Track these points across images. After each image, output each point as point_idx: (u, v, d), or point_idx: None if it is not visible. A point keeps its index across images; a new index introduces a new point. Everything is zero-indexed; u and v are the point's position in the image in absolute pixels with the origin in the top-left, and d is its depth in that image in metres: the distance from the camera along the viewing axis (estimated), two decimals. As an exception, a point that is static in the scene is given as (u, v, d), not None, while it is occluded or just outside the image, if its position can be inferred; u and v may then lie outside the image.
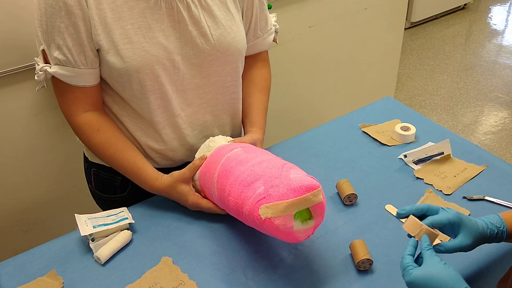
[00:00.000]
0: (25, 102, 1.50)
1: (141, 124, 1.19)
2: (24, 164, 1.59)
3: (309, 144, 1.41)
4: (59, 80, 1.09)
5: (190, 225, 1.14)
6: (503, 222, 0.91)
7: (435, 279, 0.79)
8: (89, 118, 1.14)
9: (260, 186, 0.97)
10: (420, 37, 4.25)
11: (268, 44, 1.34)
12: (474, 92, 3.47)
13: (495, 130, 3.09)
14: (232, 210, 1.04)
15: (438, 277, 0.79)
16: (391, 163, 1.32)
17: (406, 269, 0.83)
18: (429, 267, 0.81)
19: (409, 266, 0.83)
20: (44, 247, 1.10)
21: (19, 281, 1.01)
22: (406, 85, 3.59)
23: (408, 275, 0.82)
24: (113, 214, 1.13)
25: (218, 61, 1.17)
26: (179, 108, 1.18)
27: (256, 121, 1.29)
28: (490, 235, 0.89)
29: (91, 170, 1.32)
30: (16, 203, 1.64)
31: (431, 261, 0.82)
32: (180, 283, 1.00)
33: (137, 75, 1.08)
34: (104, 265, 1.05)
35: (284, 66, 2.07)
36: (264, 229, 0.96)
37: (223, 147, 1.13)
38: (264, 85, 1.34)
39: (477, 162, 1.31)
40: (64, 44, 1.03)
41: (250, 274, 1.01)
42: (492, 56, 3.94)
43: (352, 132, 1.46)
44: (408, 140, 1.39)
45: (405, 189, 1.23)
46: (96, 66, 1.09)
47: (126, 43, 1.05)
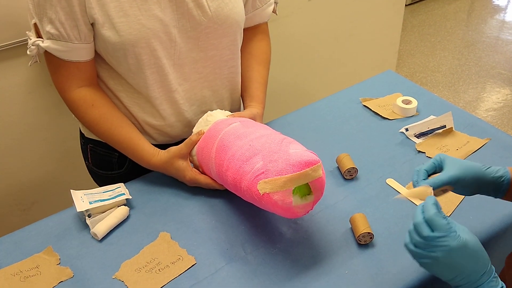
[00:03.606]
0: (19, 80, 1.47)
1: (138, 99, 1.17)
2: (20, 143, 1.58)
3: (309, 118, 1.40)
4: (52, 55, 1.07)
5: (188, 201, 1.13)
6: (507, 171, 0.85)
7: (481, 251, 0.71)
8: (83, 94, 1.12)
9: (258, 161, 0.95)
10: (421, 13, 4.20)
11: (268, 15, 1.31)
12: (476, 69, 3.44)
13: (497, 107, 3.06)
14: (231, 186, 1.02)
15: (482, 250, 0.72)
16: (392, 137, 1.30)
17: (451, 230, 0.70)
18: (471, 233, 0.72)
19: (452, 228, 0.71)
20: (40, 223, 1.09)
21: (15, 258, 1.01)
22: (407, 62, 3.55)
23: (455, 238, 0.69)
24: (110, 190, 1.11)
25: (215, 33, 1.15)
26: (176, 83, 1.16)
27: (256, 95, 1.27)
28: (490, 174, 0.84)
29: (87, 146, 1.30)
30: (13, 182, 1.63)
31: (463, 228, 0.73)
32: (178, 258, 0.99)
33: (133, 49, 1.05)
34: (101, 241, 1.04)
35: (284, 41, 2.05)
36: (263, 205, 0.95)
37: (221, 122, 1.11)
38: (264, 58, 1.32)
39: (479, 135, 1.29)
40: (57, 17, 1.01)
41: (249, 249, 1.00)
42: (494, 32, 3.89)
43: (353, 106, 1.44)
44: (409, 113, 1.37)
45: (406, 163, 1.21)
46: (90, 41, 1.07)
47: (121, 16, 1.03)
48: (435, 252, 0.70)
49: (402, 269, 0.95)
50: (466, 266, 0.70)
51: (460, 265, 0.70)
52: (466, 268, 0.70)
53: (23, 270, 0.98)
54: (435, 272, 0.73)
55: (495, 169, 0.86)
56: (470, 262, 0.70)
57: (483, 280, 0.69)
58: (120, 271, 0.97)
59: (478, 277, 0.69)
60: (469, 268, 0.70)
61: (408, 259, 0.94)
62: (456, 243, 0.69)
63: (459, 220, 1.03)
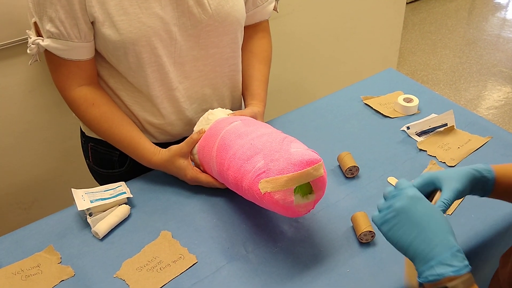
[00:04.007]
0: (20, 78, 1.47)
1: (139, 98, 1.17)
2: (20, 142, 1.58)
3: (310, 117, 1.39)
4: (52, 54, 1.06)
5: (189, 199, 1.13)
6: (490, 169, 0.81)
7: (440, 219, 0.69)
8: (84, 93, 1.12)
9: (260, 160, 0.95)
10: (422, 11, 4.19)
11: (268, 13, 1.31)
12: (477, 67, 3.43)
13: (498, 105, 3.06)
14: (232, 185, 1.02)
15: (438, 218, 0.69)
16: (394, 135, 1.30)
17: (411, 185, 0.71)
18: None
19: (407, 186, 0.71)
20: (41, 222, 1.09)
21: (16, 257, 1.00)
22: (408, 60, 3.55)
23: (413, 189, 0.71)
24: (111, 189, 1.11)
25: (216, 31, 1.14)
26: (177, 81, 1.16)
27: (257, 93, 1.27)
28: (478, 175, 0.80)
29: (88, 145, 1.30)
30: (14, 181, 1.63)
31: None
32: (179, 256, 0.99)
33: (133, 47, 1.05)
34: (102, 240, 1.04)
35: (285, 39, 2.04)
36: (264, 204, 0.95)
37: (222, 120, 1.11)
38: (264, 56, 1.31)
39: (481, 133, 1.29)
40: (57, 16, 1.00)
41: (251, 247, 1.00)
42: (495, 30, 3.89)
43: (354, 105, 1.43)
44: (411, 111, 1.37)
45: (408, 161, 1.21)
46: (91, 40, 1.07)
47: (121, 14, 1.02)
48: (394, 206, 0.71)
49: (403, 267, 0.95)
50: (422, 226, 0.68)
51: (416, 223, 0.68)
52: (423, 228, 0.68)
53: (24, 269, 0.97)
54: (396, 237, 0.71)
55: (485, 170, 0.81)
56: (427, 221, 0.68)
57: (437, 253, 0.66)
58: (121, 270, 0.97)
59: (431, 246, 0.66)
60: (425, 229, 0.68)
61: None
62: (413, 192, 0.71)
63: (461, 219, 1.04)
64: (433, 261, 0.65)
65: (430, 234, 0.67)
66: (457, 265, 0.64)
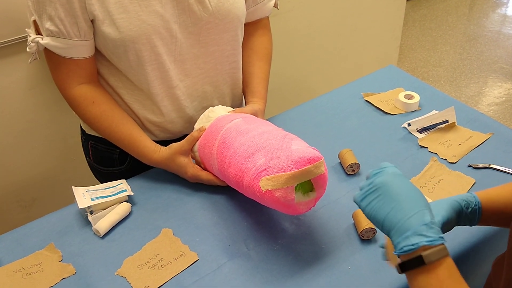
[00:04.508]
0: (20, 76, 1.47)
1: (139, 96, 1.17)
2: (21, 140, 1.57)
3: (311, 114, 1.39)
4: (51, 52, 1.06)
5: (190, 197, 1.13)
6: (476, 199, 0.83)
7: (417, 195, 0.70)
8: (84, 91, 1.12)
9: (260, 157, 0.95)
10: (422, 8, 4.19)
11: (269, 10, 1.30)
12: (478, 63, 3.42)
13: (499, 102, 3.05)
14: (232, 182, 1.02)
15: (416, 194, 0.70)
16: (395, 132, 1.30)
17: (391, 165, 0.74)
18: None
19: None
20: (42, 220, 1.09)
21: (17, 255, 1.00)
22: (408, 56, 3.54)
23: (393, 168, 0.73)
24: (112, 187, 1.11)
25: (216, 29, 1.14)
26: (177, 79, 1.15)
27: (257, 91, 1.27)
28: (464, 208, 0.81)
29: (88, 143, 1.30)
30: (15, 179, 1.63)
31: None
32: (180, 254, 0.98)
33: (133, 45, 1.05)
34: (103, 237, 1.04)
35: (285, 36, 2.04)
36: (265, 202, 0.95)
37: (223, 118, 1.11)
38: (265, 53, 1.31)
39: (482, 130, 1.28)
40: (56, 14, 1.00)
41: (252, 245, 1.00)
42: (496, 27, 3.88)
43: (355, 102, 1.43)
44: (411, 108, 1.37)
45: (409, 158, 1.21)
46: (90, 38, 1.06)
47: (121, 12, 1.02)
48: (374, 182, 0.72)
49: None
50: (399, 199, 0.69)
51: (394, 196, 0.69)
52: (400, 201, 0.69)
53: (25, 267, 0.97)
54: (374, 211, 0.72)
55: (470, 200, 0.82)
56: (404, 195, 0.69)
57: (412, 224, 0.66)
58: (123, 267, 0.97)
59: (407, 217, 0.67)
60: (402, 202, 0.69)
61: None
62: (394, 170, 0.73)
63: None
64: (409, 232, 0.66)
65: (407, 207, 0.68)
66: (432, 236, 0.65)
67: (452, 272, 0.65)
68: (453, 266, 0.65)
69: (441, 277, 0.64)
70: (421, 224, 0.66)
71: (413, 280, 0.67)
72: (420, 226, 0.66)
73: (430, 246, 0.64)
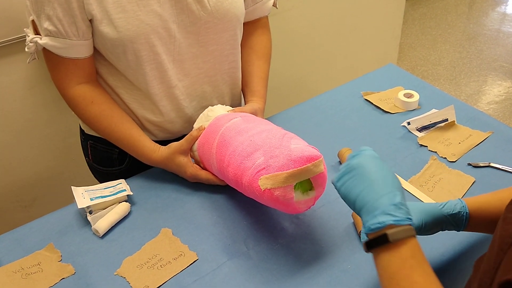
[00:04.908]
0: (19, 76, 1.47)
1: (138, 96, 1.16)
2: (21, 139, 1.57)
3: (310, 113, 1.39)
4: (50, 52, 1.06)
5: (190, 196, 1.13)
6: (464, 206, 0.84)
7: (389, 176, 0.71)
8: (82, 91, 1.12)
9: (259, 156, 0.95)
10: (422, 6, 4.18)
11: (268, 9, 1.30)
12: (477, 62, 3.42)
13: (499, 100, 3.05)
14: (232, 181, 1.02)
15: (390, 176, 0.71)
16: (394, 131, 1.30)
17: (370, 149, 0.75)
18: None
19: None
20: (41, 220, 1.09)
21: (16, 255, 1.00)
22: (408, 55, 3.54)
23: (370, 151, 0.75)
24: (111, 186, 1.11)
25: (215, 28, 1.14)
26: (176, 79, 1.15)
27: (257, 90, 1.27)
28: (447, 212, 0.83)
29: (87, 143, 1.30)
30: (14, 179, 1.63)
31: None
32: (180, 254, 0.98)
33: (132, 45, 1.05)
34: (103, 237, 1.03)
35: (284, 35, 2.04)
36: (264, 201, 0.95)
37: (222, 117, 1.11)
38: (264, 52, 1.31)
39: (482, 128, 1.28)
40: (54, 14, 1.00)
41: (251, 244, 1.00)
42: (495, 25, 3.88)
43: (354, 100, 1.43)
44: (411, 107, 1.36)
45: (409, 157, 1.21)
46: (89, 38, 1.06)
47: (119, 12, 1.02)
48: (351, 163, 0.74)
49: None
50: (372, 180, 0.70)
51: (367, 177, 0.71)
52: (372, 182, 0.70)
53: (25, 267, 0.97)
54: (347, 190, 0.73)
55: (452, 206, 0.84)
56: (377, 177, 0.70)
57: (381, 203, 0.68)
58: (122, 267, 0.97)
59: (377, 197, 0.68)
60: (374, 183, 0.70)
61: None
62: (371, 152, 0.74)
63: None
64: (377, 211, 0.67)
65: (378, 187, 0.69)
66: (399, 216, 0.66)
67: (415, 253, 0.65)
68: (417, 247, 0.66)
69: (403, 255, 0.64)
70: (390, 204, 0.67)
71: (377, 259, 0.68)
72: (389, 206, 0.67)
73: (396, 225, 0.65)
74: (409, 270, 0.63)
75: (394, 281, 0.64)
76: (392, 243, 0.65)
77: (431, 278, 0.63)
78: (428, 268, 0.64)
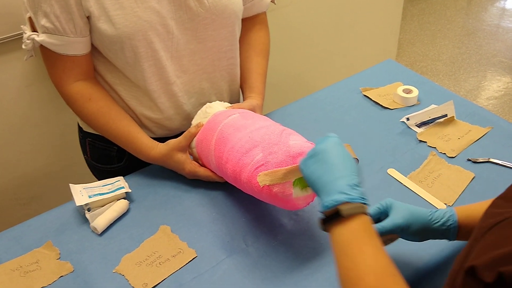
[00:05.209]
0: (17, 73, 1.46)
1: (136, 93, 1.16)
2: (18, 137, 1.57)
3: (309, 109, 1.38)
4: (47, 49, 1.05)
5: (188, 193, 1.12)
6: (452, 215, 0.85)
7: (348, 160, 0.76)
8: (80, 88, 1.11)
9: (258, 153, 0.94)
10: (421, 2, 4.18)
11: (266, 5, 1.30)
12: (477, 57, 3.42)
13: (498, 95, 3.05)
14: (230, 178, 1.02)
15: (349, 161, 0.76)
16: (393, 127, 1.29)
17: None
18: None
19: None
20: (40, 218, 1.08)
21: (15, 253, 1.00)
22: (407, 51, 3.53)
23: (335, 137, 0.79)
24: (109, 184, 1.11)
25: (213, 24, 1.13)
26: (174, 76, 1.15)
27: (255, 86, 1.26)
28: (434, 222, 0.84)
29: (86, 140, 1.29)
30: (12, 177, 1.63)
31: None
32: (179, 251, 0.98)
33: (130, 42, 1.04)
34: (101, 235, 1.03)
35: (283, 31, 2.03)
36: (263, 197, 0.95)
37: (220, 113, 1.10)
38: (262, 48, 1.30)
39: (481, 124, 1.28)
40: (52, 11, 0.99)
41: (250, 241, 1.00)
42: (495, 20, 3.87)
43: (353, 96, 1.43)
44: (410, 103, 1.36)
45: (408, 153, 1.20)
46: (86, 34, 1.06)
47: (117, 8, 1.01)
48: (316, 148, 0.78)
49: (404, 258, 0.94)
50: (333, 164, 0.74)
51: (329, 161, 0.75)
52: (333, 166, 0.74)
53: (23, 265, 0.97)
54: (309, 172, 0.77)
55: (441, 215, 0.85)
56: (338, 162, 0.75)
57: (338, 184, 0.72)
58: (121, 265, 0.96)
59: (335, 179, 0.72)
60: (335, 167, 0.74)
61: (410, 249, 0.94)
62: (336, 140, 0.79)
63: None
64: (333, 191, 0.71)
65: (337, 171, 0.74)
66: (353, 195, 0.70)
67: (367, 228, 0.69)
68: (368, 223, 0.69)
69: (355, 229, 0.68)
70: (346, 185, 0.71)
71: (332, 235, 0.71)
72: (345, 186, 0.71)
73: (349, 203, 0.70)
74: (360, 242, 0.67)
75: (345, 252, 0.67)
76: (345, 218, 0.69)
77: (381, 251, 0.66)
78: (378, 242, 0.68)
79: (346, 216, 0.68)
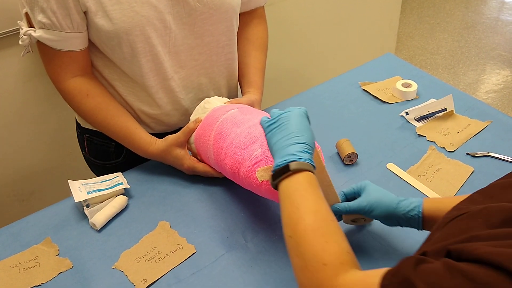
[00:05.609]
0: (14, 69, 1.45)
1: (134, 88, 1.15)
2: (16, 134, 1.56)
3: (308, 104, 1.38)
4: (44, 45, 1.05)
5: (187, 189, 1.12)
6: (418, 206, 0.87)
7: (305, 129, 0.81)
8: (78, 83, 1.11)
9: (257, 148, 0.94)
10: (420, -5, 4.16)
11: (264, -1, 1.29)
12: (476, 51, 3.41)
13: (497, 89, 3.04)
14: (229, 173, 1.01)
15: (306, 130, 0.82)
16: (392, 121, 1.29)
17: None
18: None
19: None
20: (38, 214, 1.08)
21: (14, 250, 1.00)
22: (406, 44, 3.52)
23: (300, 109, 0.85)
24: (108, 180, 1.10)
25: (211, 19, 1.13)
26: (172, 71, 1.14)
27: (254, 81, 1.26)
28: (399, 210, 0.87)
29: (84, 136, 1.29)
30: (11, 173, 1.62)
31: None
32: (178, 247, 0.98)
33: (127, 37, 1.04)
34: (100, 231, 1.03)
35: (281, 25, 2.02)
36: (262, 192, 0.94)
37: (218, 109, 1.10)
38: (261, 43, 1.30)
39: (480, 117, 1.28)
40: (48, 6, 0.99)
41: (249, 236, 1.00)
42: (494, 13, 3.86)
43: (352, 91, 1.42)
44: (409, 97, 1.36)
45: (407, 147, 1.20)
46: (83, 30, 1.05)
47: (114, 3, 1.01)
48: (281, 115, 0.84)
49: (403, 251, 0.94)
50: (292, 131, 0.81)
51: (289, 128, 0.81)
52: (291, 132, 0.81)
53: (22, 262, 0.97)
54: (270, 135, 0.83)
55: (407, 204, 0.87)
56: (297, 129, 0.81)
57: (291, 148, 0.78)
58: (120, 261, 0.96)
59: (290, 143, 0.79)
60: (293, 133, 0.80)
61: (409, 243, 0.94)
62: (302, 110, 0.85)
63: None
64: (286, 154, 0.78)
65: (293, 137, 0.80)
66: (301, 156, 0.77)
67: (311, 181, 0.75)
68: (313, 178, 0.76)
69: (300, 181, 0.75)
70: (297, 149, 0.78)
71: (279, 190, 0.78)
72: (296, 149, 0.78)
73: (298, 162, 0.76)
74: (303, 191, 0.74)
75: (289, 199, 0.74)
76: (292, 172, 0.75)
77: (322, 200, 0.73)
78: (320, 194, 0.75)
79: (293, 170, 0.75)
